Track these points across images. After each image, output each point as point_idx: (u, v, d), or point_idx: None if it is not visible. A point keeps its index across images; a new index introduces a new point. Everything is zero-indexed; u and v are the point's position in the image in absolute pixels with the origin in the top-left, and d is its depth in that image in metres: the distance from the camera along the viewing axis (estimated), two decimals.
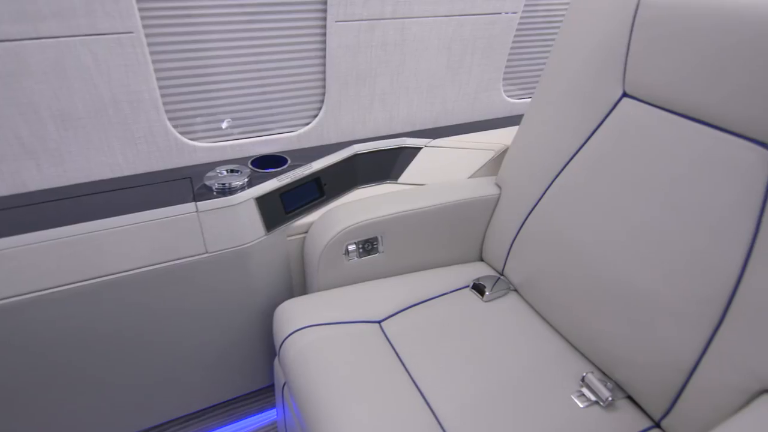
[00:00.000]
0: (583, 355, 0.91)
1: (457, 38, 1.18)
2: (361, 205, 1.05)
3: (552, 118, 0.97)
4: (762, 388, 0.64)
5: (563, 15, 1.14)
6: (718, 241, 0.69)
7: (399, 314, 0.97)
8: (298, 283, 1.16)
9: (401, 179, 1.20)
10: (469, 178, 1.20)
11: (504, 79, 1.38)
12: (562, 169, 0.94)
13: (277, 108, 1.11)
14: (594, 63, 0.88)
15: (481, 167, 1.20)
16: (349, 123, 1.19)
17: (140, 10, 0.88)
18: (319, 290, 1.04)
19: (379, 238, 1.04)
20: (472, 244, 1.17)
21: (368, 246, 1.04)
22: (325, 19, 1.02)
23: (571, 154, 0.92)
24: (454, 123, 1.35)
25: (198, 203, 0.92)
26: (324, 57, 1.07)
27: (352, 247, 1.02)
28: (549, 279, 0.96)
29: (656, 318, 0.75)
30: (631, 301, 0.79)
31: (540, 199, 0.98)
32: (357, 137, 1.23)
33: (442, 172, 1.20)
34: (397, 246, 1.07)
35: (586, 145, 0.90)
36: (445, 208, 1.07)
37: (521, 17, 1.28)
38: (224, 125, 1.08)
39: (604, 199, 0.85)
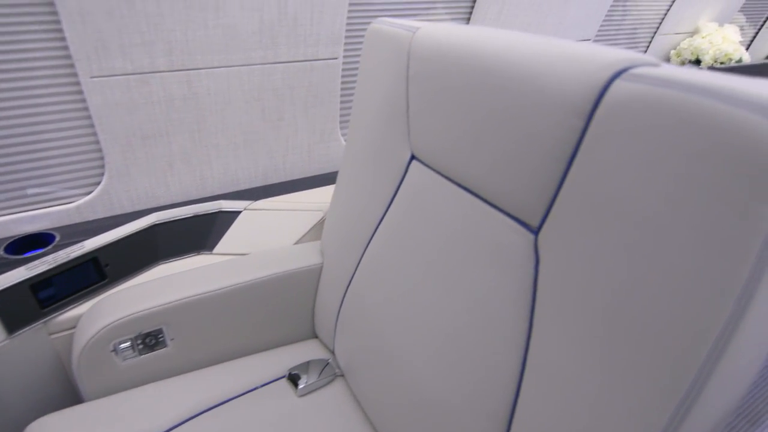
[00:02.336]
0: None
1: (267, 88, 1.04)
2: (141, 291, 0.86)
3: (358, 179, 0.84)
4: None
5: None
6: (494, 342, 0.56)
7: (182, 426, 0.79)
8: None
9: (218, 249, 1.03)
10: (296, 243, 1.05)
11: (345, 127, 1.26)
12: (371, 239, 0.81)
13: (41, 177, 0.92)
14: (383, 119, 0.76)
15: (308, 231, 1.06)
16: (146, 188, 1.02)
17: None
18: (87, 400, 0.84)
19: (165, 330, 0.86)
20: (302, 320, 1.01)
21: (150, 340, 0.85)
22: (77, 75, 0.85)
23: (377, 222, 0.79)
24: (289, 179, 1.21)
25: None
26: (91, 117, 0.90)
27: (125, 345, 0.83)
28: (364, 367, 0.81)
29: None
30: (429, 407, 0.65)
31: (355, 271, 0.84)
32: (161, 203, 1.05)
33: (265, 239, 1.04)
34: (194, 336, 0.89)
35: (388, 213, 0.77)
36: (255, 284, 0.91)
37: (350, 61, 1.16)
38: None
39: (400, 279, 0.72)
